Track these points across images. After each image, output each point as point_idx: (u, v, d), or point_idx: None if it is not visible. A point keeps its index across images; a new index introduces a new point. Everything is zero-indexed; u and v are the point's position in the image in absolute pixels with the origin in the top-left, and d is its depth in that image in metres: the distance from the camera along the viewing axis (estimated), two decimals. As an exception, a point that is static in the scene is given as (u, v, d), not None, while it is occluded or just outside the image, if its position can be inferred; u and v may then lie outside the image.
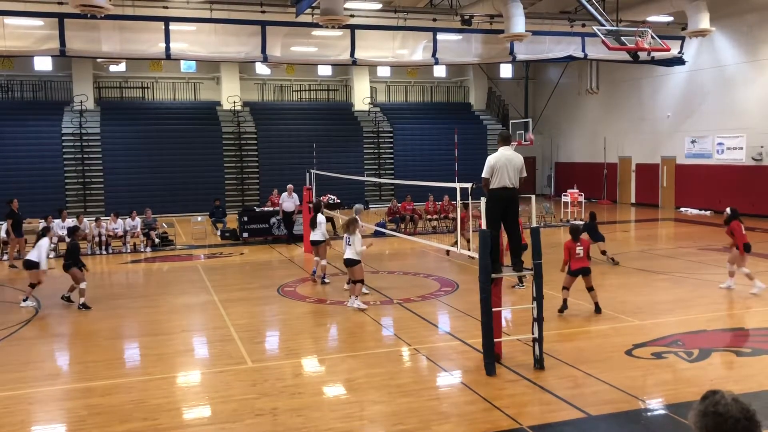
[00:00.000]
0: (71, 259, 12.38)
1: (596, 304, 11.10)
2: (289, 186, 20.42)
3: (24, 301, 12.38)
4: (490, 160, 8.48)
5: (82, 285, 12.27)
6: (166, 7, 20.98)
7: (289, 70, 33.84)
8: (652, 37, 20.24)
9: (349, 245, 11.72)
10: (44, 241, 12.66)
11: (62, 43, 18.48)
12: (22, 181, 27.14)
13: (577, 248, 11.32)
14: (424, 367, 8.80)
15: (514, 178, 8.40)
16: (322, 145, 28.90)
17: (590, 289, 11.26)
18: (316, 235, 14.40)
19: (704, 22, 22.84)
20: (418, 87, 37.04)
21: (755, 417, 2.17)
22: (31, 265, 12.35)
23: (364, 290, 12.51)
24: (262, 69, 32.75)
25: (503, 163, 8.37)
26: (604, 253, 15.77)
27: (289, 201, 20.12)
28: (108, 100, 31.81)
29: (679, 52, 25.35)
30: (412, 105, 36.58)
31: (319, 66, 33.57)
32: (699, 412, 2.22)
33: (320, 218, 14.73)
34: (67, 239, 13.64)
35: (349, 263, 11.80)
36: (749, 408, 2.18)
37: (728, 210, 12.82)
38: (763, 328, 10.16)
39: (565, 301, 11.24)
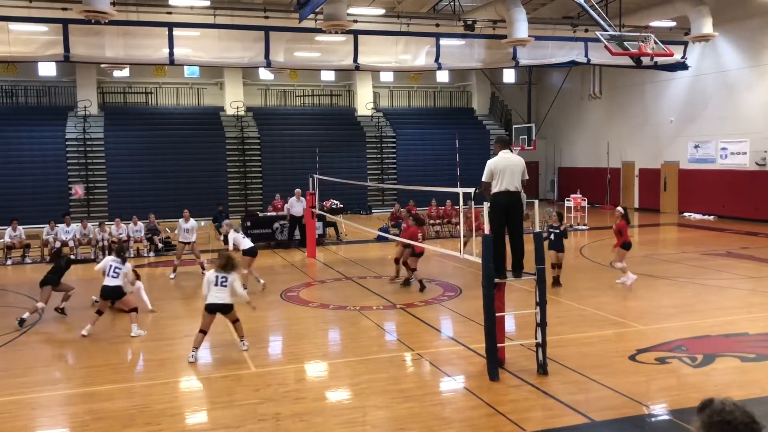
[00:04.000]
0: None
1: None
2: (297, 190, 20.40)
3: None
4: (490, 164, 8.45)
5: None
6: (170, 13, 21.07)
7: (293, 75, 33.91)
8: (655, 42, 20.23)
9: (224, 286, 9.38)
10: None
11: (66, 48, 18.55)
12: (26, 186, 27.24)
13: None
14: (427, 372, 8.79)
15: (516, 181, 8.37)
16: (325, 150, 28.92)
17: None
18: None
19: (707, 27, 22.85)
20: (421, 92, 37.09)
21: (757, 419, 2.16)
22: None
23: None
24: (265, 74, 32.82)
25: (503, 166, 8.34)
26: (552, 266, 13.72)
27: (297, 205, 20.05)
28: (112, 106, 31.90)
29: (682, 57, 25.34)
30: (415, 110, 36.61)
31: (322, 71, 33.64)
32: (704, 422, 2.18)
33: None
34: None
35: (223, 309, 9.42)
36: (751, 411, 2.17)
37: (621, 209, 14.02)
38: (766, 333, 10.12)
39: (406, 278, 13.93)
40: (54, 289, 11.96)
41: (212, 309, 9.39)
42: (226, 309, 9.48)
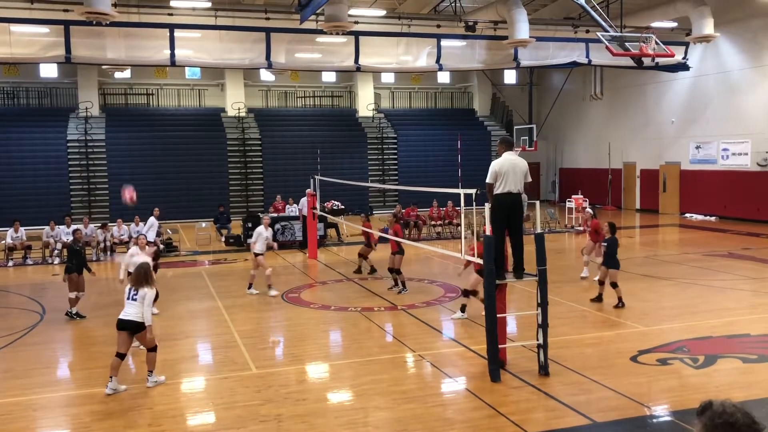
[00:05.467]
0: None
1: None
2: (309, 191, 20.31)
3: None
4: (494, 165, 8.47)
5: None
6: (171, 14, 21.09)
7: (294, 76, 33.93)
8: (657, 43, 20.22)
9: (134, 300, 8.14)
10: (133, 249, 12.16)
11: (68, 50, 18.58)
12: (28, 188, 27.26)
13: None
14: (428, 373, 8.78)
15: (519, 183, 8.39)
16: (327, 151, 28.93)
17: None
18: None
19: (708, 27, 22.84)
20: (422, 93, 37.10)
21: (757, 420, 2.15)
22: None
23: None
24: (266, 75, 32.85)
25: (508, 168, 8.36)
26: (601, 283, 12.40)
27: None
28: (113, 107, 31.92)
29: (684, 58, 25.33)
30: (416, 111, 36.62)
31: (323, 72, 33.65)
32: (705, 425, 2.17)
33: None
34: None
35: (134, 327, 8.11)
36: (751, 413, 2.16)
37: (590, 210, 15.24)
38: (769, 335, 10.11)
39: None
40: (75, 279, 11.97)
41: (120, 326, 8.16)
42: (136, 327, 8.09)
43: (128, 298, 8.18)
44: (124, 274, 11.12)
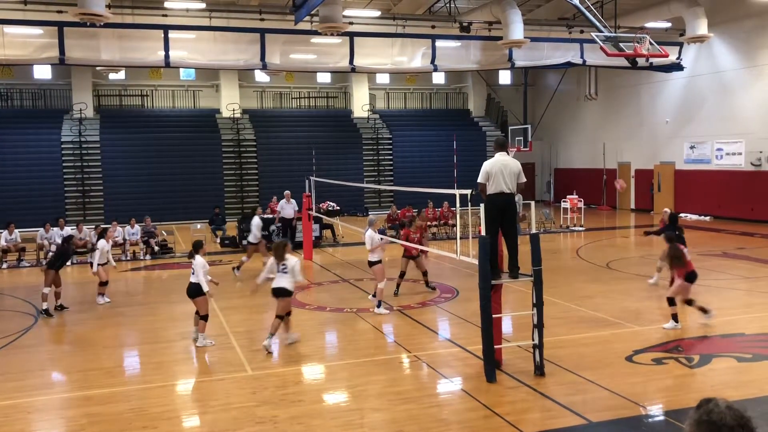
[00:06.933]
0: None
1: None
2: (287, 192, 20.17)
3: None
4: (486, 165, 8.51)
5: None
6: (166, 15, 21.06)
7: (288, 77, 33.90)
8: (651, 43, 20.28)
9: (285, 272, 9.89)
10: (101, 243, 13.33)
11: (62, 51, 18.54)
12: (22, 190, 27.16)
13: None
14: (424, 374, 8.78)
15: (510, 183, 8.41)
16: (322, 152, 28.93)
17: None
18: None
19: (702, 28, 22.92)
20: (417, 94, 37.11)
21: (750, 424, 2.13)
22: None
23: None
24: (261, 76, 32.81)
25: (499, 168, 8.39)
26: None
27: (288, 207, 19.90)
28: (107, 108, 31.84)
29: (678, 58, 25.41)
30: (411, 112, 36.63)
31: (318, 73, 33.64)
32: (693, 421, 2.19)
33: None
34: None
35: (282, 293, 9.92)
36: (744, 415, 2.14)
37: (668, 210, 14.35)
38: (763, 334, 10.14)
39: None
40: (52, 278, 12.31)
41: (274, 293, 9.93)
42: (282, 293, 9.86)
43: (278, 272, 9.87)
44: (96, 265, 12.99)
